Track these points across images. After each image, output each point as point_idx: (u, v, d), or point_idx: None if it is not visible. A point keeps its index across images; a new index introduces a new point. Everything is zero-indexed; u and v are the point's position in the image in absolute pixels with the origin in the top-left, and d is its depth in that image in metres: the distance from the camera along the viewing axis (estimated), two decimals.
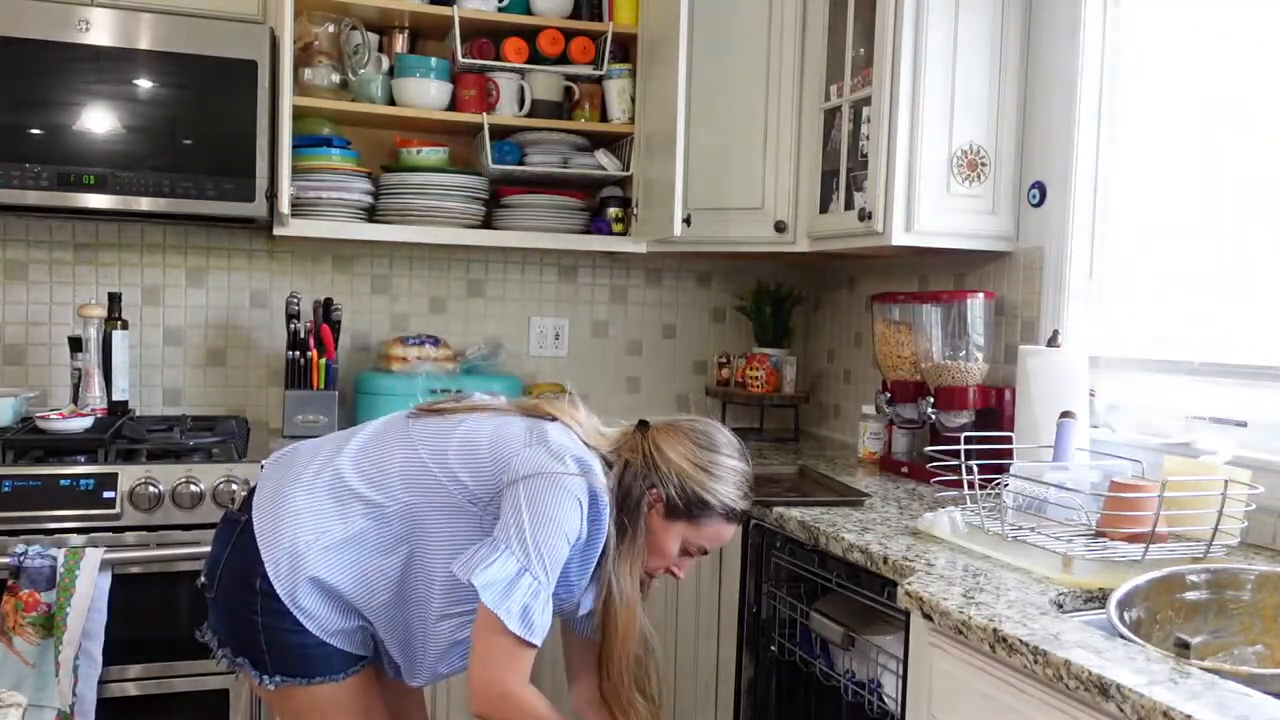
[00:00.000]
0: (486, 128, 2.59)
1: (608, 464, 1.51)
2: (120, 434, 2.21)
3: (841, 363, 3.04)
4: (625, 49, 2.74)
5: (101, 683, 1.97)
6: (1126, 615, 1.31)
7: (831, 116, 2.48)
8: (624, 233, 2.74)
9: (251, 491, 1.57)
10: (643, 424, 1.56)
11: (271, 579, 1.46)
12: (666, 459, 1.49)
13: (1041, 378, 1.97)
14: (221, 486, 2.08)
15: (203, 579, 1.56)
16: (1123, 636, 1.22)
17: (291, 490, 1.50)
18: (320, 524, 1.47)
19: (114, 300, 2.50)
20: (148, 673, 2.06)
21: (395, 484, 1.48)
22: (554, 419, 1.53)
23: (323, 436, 1.63)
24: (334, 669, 1.50)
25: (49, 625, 1.92)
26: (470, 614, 1.44)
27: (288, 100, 2.28)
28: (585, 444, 1.51)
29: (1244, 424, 1.79)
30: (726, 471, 1.52)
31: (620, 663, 1.51)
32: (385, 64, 2.61)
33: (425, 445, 1.50)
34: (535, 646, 1.39)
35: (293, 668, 1.48)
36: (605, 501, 1.46)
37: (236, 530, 1.52)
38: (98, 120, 2.23)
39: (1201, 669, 1.12)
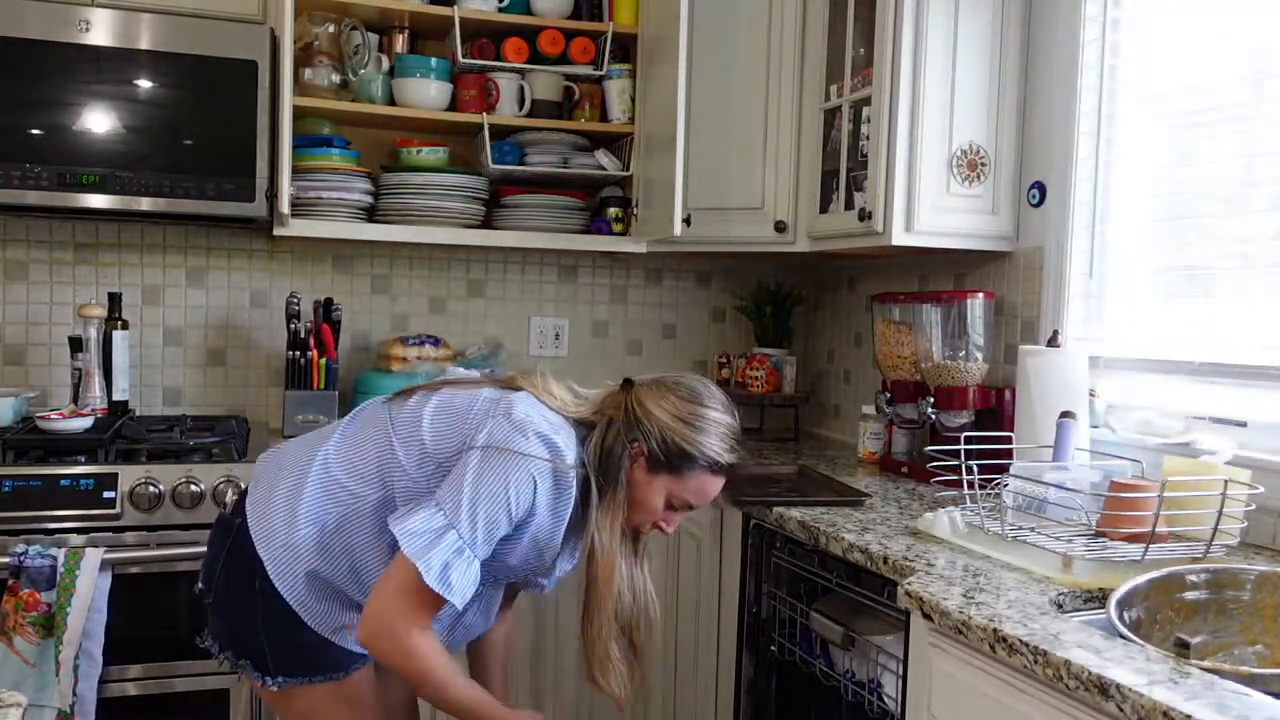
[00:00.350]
0: (486, 128, 2.59)
1: (587, 426, 1.50)
2: (120, 434, 2.21)
3: (841, 363, 3.04)
4: (625, 49, 2.74)
5: (101, 683, 1.97)
6: (1126, 615, 1.31)
7: (831, 116, 2.48)
8: (624, 233, 2.74)
9: (243, 494, 1.57)
10: (627, 382, 1.55)
11: (273, 578, 1.46)
12: (649, 413, 1.48)
13: (1041, 378, 1.97)
14: (221, 486, 2.08)
15: (199, 584, 1.56)
16: (1123, 636, 1.22)
17: (282, 488, 1.51)
18: (312, 517, 1.48)
19: (114, 300, 2.50)
20: (148, 673, 2.07)
21: (373, 469, 1.49)
22: (521, 390, 1.52)
23: (310, 433, 1.64)
24: (335, 667, 1.51)
25: (49, 625, 1.92)
26: None
27: (288, 100, 2.28)
28: (559, 414, 1.49)
29: (1244, 424, 1.79)
30: (710, 424, 1.50)
31: (601, 615, 1.50)
32: (385, 64, 2.61)
33: (399, 425, 1.51)
34: (444, 602, 1.38)
35: (295, 667, 1.49)
36: (571, 480, 1.45)
37: (231, 533, 1.52)
38: (98, 120, 2.23)
39: (1201, 669, 1.12)
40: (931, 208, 2.22)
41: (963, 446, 1.81)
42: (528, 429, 1.42)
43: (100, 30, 2.22)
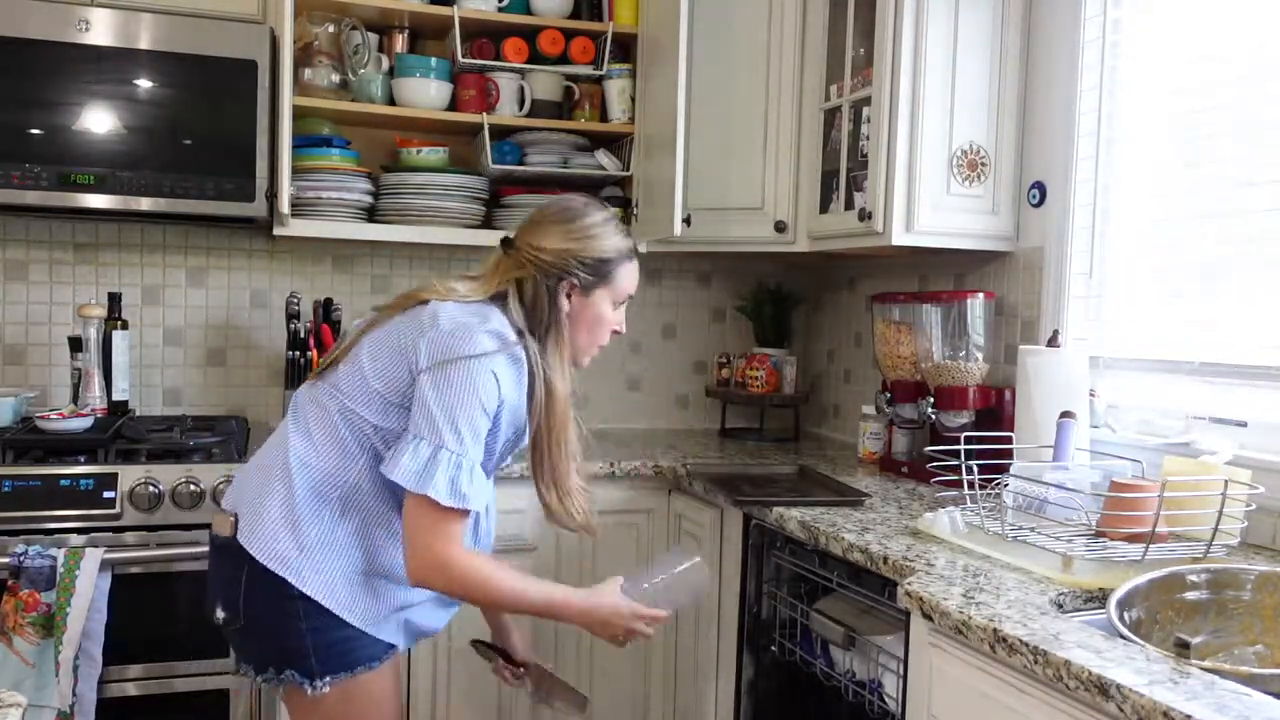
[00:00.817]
0: (486, 128, 2.59)
1: (500, 298, 1.55)
2: (120, 434, 2.21)
3: (841, 363, 3.04)
4: (625, 49, 2.74)
5: (101, 683, 1.97)
6: (1126, 615, 1.31)
7: (831, 116, 2.48)
8: None
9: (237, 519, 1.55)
10: (506, 241, 1.61)
11: (301, 587, 1.47)
12: (552, 251, 1.56)
13: (1041, 378, 1.97)
14: (221, 486, 2.08)
15: (222, 613, 1.53)
16: (1123, 636, 1.22)
17: (272, 506, 1.50)
18: (313, 517, 1.49)
19: (114, 300, 2.50)
20: (148, 673, 2.07)
21: (346, 441, 1.51)
22: (429, 301, 1.55)
23: (260, 450, 1.61)
24: (373, 657, 1.54)
25: (49, 625, 1.92)
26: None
27: (288, 100, 2.28)
28: (476, 302, 1.54)
29: (1244, 424, 1.79)
30: (601, 227, 1.61)
31: (564, 451, 1.56)
32: (385, 64, 2.61)
33: (345, 390, 1.52)
34: (468, 512, 1.44)
35: (338, 663, 1.50)
36: (522, 355, 1.51)
37: (245, 556, 1.49)
38: (98, 120, 2.23)
39: (1201, 669, 1.12)
40: (931, 208, 2.22)
41: (963, 446, 1.81)
42: (465, 331, 1.47)
43: (100, 30, 2.22)
